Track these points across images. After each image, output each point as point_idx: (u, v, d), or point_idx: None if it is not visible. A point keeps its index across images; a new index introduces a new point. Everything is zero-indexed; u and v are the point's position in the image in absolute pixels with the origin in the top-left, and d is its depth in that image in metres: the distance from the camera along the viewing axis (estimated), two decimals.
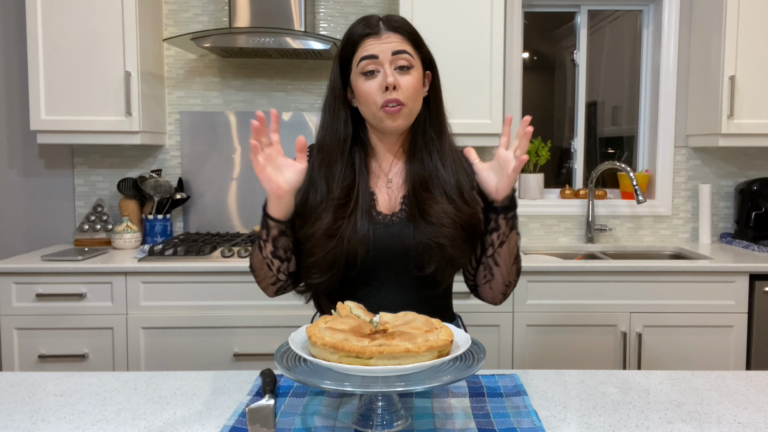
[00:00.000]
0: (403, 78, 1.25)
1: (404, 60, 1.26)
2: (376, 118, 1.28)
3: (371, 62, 1.25)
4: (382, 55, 1.25)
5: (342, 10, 2.99)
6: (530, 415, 1.08)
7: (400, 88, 1.25)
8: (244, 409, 1.10)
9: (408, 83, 1.26)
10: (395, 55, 1.25)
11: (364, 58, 1.26)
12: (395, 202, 1.33)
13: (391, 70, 1.25)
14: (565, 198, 3.09)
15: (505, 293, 1.36)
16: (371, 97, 1.26)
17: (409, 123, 1.30)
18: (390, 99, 1.24)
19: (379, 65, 1.25)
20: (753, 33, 2.68)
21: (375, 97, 1.25)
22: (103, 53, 2.60)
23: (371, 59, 1.25)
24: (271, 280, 1.31)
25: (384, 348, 0.92)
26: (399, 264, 1.29)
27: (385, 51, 1.25)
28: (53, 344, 2.42)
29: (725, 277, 2.47)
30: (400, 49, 1.26)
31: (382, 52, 1.25)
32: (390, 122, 1.27)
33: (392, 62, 1.25)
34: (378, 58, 1.25)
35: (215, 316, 2.43)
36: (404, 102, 1.25)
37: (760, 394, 1.19)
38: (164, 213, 2.87)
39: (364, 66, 1.26)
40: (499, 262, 1.30)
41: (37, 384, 1.24)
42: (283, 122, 2.99)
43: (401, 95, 1.25)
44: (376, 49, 1.25)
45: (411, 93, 1.26)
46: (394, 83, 1.24)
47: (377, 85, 1.25)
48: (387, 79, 1.24)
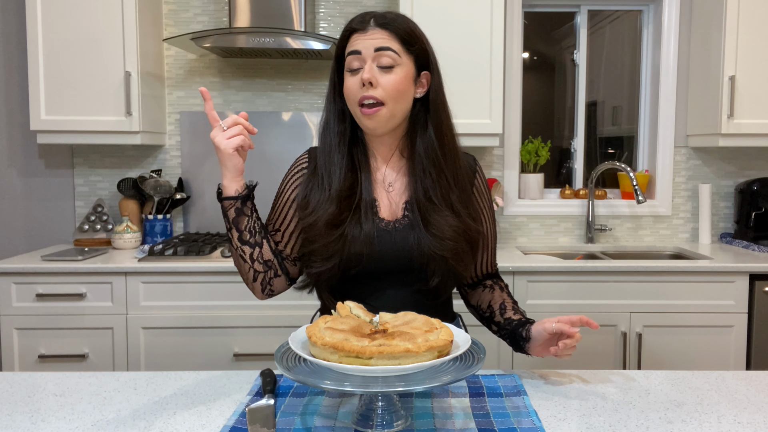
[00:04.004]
0: (384, 77, 1.23)
1: (387, 57, 1.23)
2: (356, 117, 1.27)
3: (355, 58, 1.24)
4: (365, 51, 1.23)
5: (342, 10, 2.99)
6: (530, 415, 1.08)
7: (378, 86, 1.22)
8: (244, 409, 1.09)
9: (388, 82, 1.22)
10: (378, 51, 1.23)
11: (349, 54, 1.25)
12: (397, 207, 1.31)
13: (373, 66, 1.23)
14: (565, 198, 3.09)
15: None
16: (351, 94, 1.25)
17: (389, 126, 1.27)
18: (365, 96, 1.22)
19: (362, 61, 1.24)
20: (753, 33, 2.68)
21: (355, 94, 1.24)
22: (103, 53, 2.60)
23: (355, 55, 1.24)
24: (249, 273, 1.30)
25: (384, 348, 0.92)
26: (401, 268, 1.29)
27: (368, 47, 1.23)
28: (53, 344, 2.42)
29: (725, 277, 2.47)
30: (384, 46, 1.23)
31: (365, 48, 1.23)
32: (366, 122, 1.25)
33: (374, 59, 1.23)
34: (361, 53, 1.23)
35: (215, 316, 2.43)
36: (383, 101, 1.22)
37: (760, 394, 1.18)
38: (164, 213, 2.87)
39: (349, 62, 1.25)
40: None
41: (37, 384, 1.24)
42: (283, 122, 2.99)
43: (379, 93, 1.22)
44: (360, 45, 1.24)
45: (391, 92, 1.23)
46: (370, 79, 1.21)
47: (357, 82, 1.23)
48: (363, 74, 1.22)
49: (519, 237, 3.06)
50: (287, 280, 1.35)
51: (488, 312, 1.38)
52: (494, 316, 1.36)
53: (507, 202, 3.04)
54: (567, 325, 1.19)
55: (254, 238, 1.28)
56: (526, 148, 3.03)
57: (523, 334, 1.26)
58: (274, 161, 2.93)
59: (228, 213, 1.26)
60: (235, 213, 1.26)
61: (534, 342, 1.25)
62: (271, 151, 2.94)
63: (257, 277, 1.30)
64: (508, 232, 3.06)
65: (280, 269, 1.33)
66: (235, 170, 1.23)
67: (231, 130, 1.21)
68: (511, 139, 3.03)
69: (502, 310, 1.35)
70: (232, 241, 1.28)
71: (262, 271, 1.30)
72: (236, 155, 1.22)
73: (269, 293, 1.34)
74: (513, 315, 1.32)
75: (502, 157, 3.04)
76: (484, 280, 1.44)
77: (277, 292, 1.35)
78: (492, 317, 1.36)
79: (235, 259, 1.31)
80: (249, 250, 1.28)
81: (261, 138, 2.94)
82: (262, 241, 1.29)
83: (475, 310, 1.43)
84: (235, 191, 1.25)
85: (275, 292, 1.35)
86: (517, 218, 3.06)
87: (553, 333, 1.21)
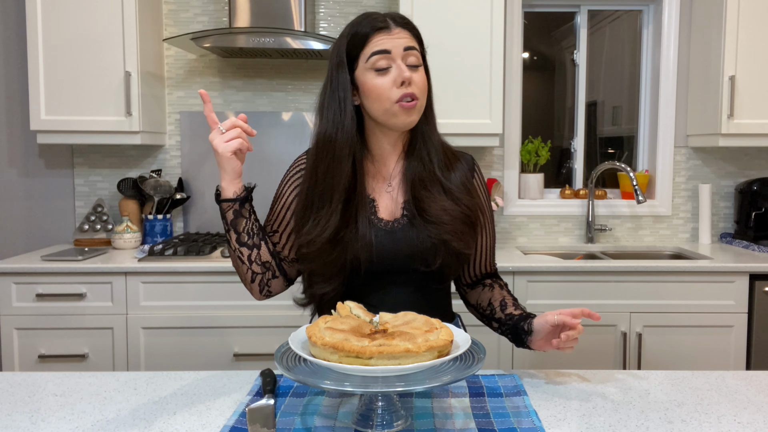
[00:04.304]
0: (415, 74, 1.25)
1: (414, 56, 1.26)
2: (388, 114, 1.25)
3: (383, 57, 1.24)
4: (395, 50, 1.24)
5: (342, 10, 2.99)
6: (530, 415, 1.08)
7: (414, 84, 1.24)
8: (244, 409, 1.09)
9: (419, 79, 1.26)
10: (407, 51, 1.25)
11: (376, 53, 1.24)
12: (396, 206, 1.32)
13: (404, 65, 1.24)
14: (565, 198, 3.09)
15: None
16: (384, 93, 1.24)
17: (418, 118, 1.30)
18: (407, 93, 1.23)
19: (392, 60, 1.24)
20: (753, 33, 2.68)
21: (388, 92, 1.23)
22: (103, 53, 2.60)
23: (383, 54, 1.23)
24: (248, 275, 1.30)
25: (384, 348, 0.92)
26: (403, 267, 1.29)
27: (398, 46, 1.24)
28: (53, 344, 2.42)
29: (725, 277, 2.47)
30: (411, 45, 1.26)
31: (395, 47, 1.24)
32: (405, 117, 1.25)
33: (404, 58, 1.24)
34: (391, 53, 1.24)
35: (215, 316, 2.43)
36: (418, 96, 1.25)
37: (760, 394, 1.18)
38: (164, 213, 2.87)
39: (375, 61, 1.24)
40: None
41: (37, 384, 1.24)
42: (283, 122, 2.99)
43: (416, 90, 1.24)
44: (389, 44, 1.24)
45: (422, 89, 1.27)
46: (411, 77, 1.23)
47: (390, 81, 1.23)
48: (403, 73, 1.22)
49: (519, 237, 3.06)
50: (285, 280, 1.36)
51: (489, 310, 1.38)
52: (495, 313, 1.36)
53: (507, 202, 3.04)
54: (569, 317, 1.20)
55: (252, 240, 1.28)
56: (526, 148, 3.03)
57: (525, 327, 1.27)
58: (274, 161, 2.93)
59: (226, 215, 1.26)
60: (234, 215, 1.26)
61: (536, 335, 1.25)
62: (271, 151, 2.94)
63: (255, 278, 1.31)
64: (508, 232, 3.06)
65: (278, 270, 1.33)
66: (233, 173, 1.23)
67: (229, 132, 1.21)
68: (511, 139, 3.03)
69: (502, 306, 1.35)
70: (230, 242, 1.28)
71: (260, 273, 1.30)
72: (234, 158, 1.22)
73: (267, 294, 1.34)
74: (514, 310, 1.33)
75: (502, 157, 3.04)
76: (483, 280, 1.44)
77: (275, 293, 1.35)
78: (493, 314, 1.37)
79: (234, 260, 1.31)
80: (247, 252, 1.28)
81: (261, 138, 2.94)
82: (260, 243, 1.29)
83: (475, 309, 1.43)
84: (233, 193, 1.25)
85: (273, 293, 1.35)
86: (517, 218, 3.06)
87: (555, 325, 1.22)
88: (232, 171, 1.23)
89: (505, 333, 1.34)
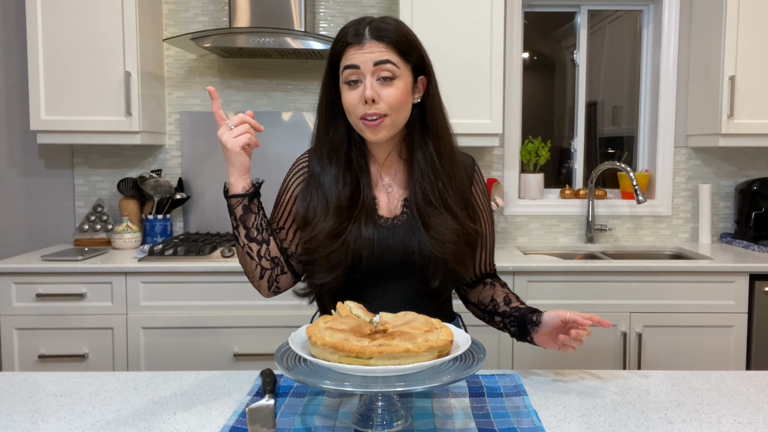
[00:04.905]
0: (385, 90, 1.23)
1: (387, 71, 1.23)
2: (357, 127, 1.27)
3: (353, 72, 1.24)
4: (364, 66, 1.23)
5: (342, 10, 2.99)
6: (530, 415, 1.08)
7: (380, 101, 1.23)
8: (244, 409, 1.09)
9: (390, 95, 1.23)
10: (377, 65, 1.22)
11: (347, 68, 1.24)
12: (396, 204, 1.33)
13: (372, 81, 1.22)
14: (565, 198, 3.09)
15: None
16: (351, 108, 1.25)
17: (392, 134, 1.28)
18: (368, 113, 1.23)
19: (361, 75, 1.23)
20: (753, 33, 2.68)
21: (354, 108, 1.24)
22: (103, 53, 2.60)
23: (353, 69, 1.23)
24: (257, 271, 1.30)
25: (384, 348, 0.92)
26: (401, 265, 1.30)
27: (367, 61, 1.22)
28: (53, 344, 2.42)
29: (725, 277, 2.47)
30: (383, 59, 1.23)
31: (363, 62, 1.23)
32: (369, 134, 1.26)
33: (374, 73, 1.23)
34: (359, 68, 1.23)
35: (215, 316, 2.43)
36: (386, 113, 1.23)
37: (760, 394, 1.19)
38: (164, 213, 2.87)
39: (347, 75, 1.24)
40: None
41: (37, 384, 1.24)
42: (283, 122, 2.99)
43: (381, 108, 1.23)
44: (358, 59, 1.23)
45: (393, 104, 1.23)
46: (373, 96, 1.21)
47: (358, 97, 1.23)
48: (366, 92, 1.22)
49: (519, 237, 3.06)
50: (293, 276, 1.36)
51: (491, 305, 1.38)
52: (498, 307, 1.36)
53: (507, 202, 3.04)
54: (581, 317, 1.22)
55: (261, 235, 1.28)
56: (526, 148, 3.03)
57: (534, 319, 1.28)
58: (274, 161, 2.92)
59: (235, 211, 1.26)
60: (243, 210, 1.26)
61: (543, 328, 1.26)
62: (271, 151, 2.94)
63: (264, 274, 1.31)
64: (508, 232, 3.06)
65: (287, 266, 1.33)
66: (242, 168, 1.24)
67: (238, 128, 1.22)
68: (511, 139, 3.03)
69: (506, 301, 1.36)
70: (238, 239, 1.28)
71: (269, 268, 1.30)
72: (243, 153, 1.23)
73: (275, 290, 1.35)
74: (520, 305, 1.35)
75: (502, 157, 3.04)
76: (483, 279, 1.44)
77: (283, 289, 1.36)
78: (496, 309, 1.36)
79: (241, 258, 1.31)
80: (256, 247, 1.28)
81: (261, 138, 2.90)
82: (269, 238, 1.30)
83: (476, 306, 1.43)
84: (242, 189, 1.26)
85: (281, 289, 1.36)
86: (517, 218, 3.06)
87: (566, 321, 1.23)
88: (240, 166, 1.24)
89: (508, 326, 1.34)
